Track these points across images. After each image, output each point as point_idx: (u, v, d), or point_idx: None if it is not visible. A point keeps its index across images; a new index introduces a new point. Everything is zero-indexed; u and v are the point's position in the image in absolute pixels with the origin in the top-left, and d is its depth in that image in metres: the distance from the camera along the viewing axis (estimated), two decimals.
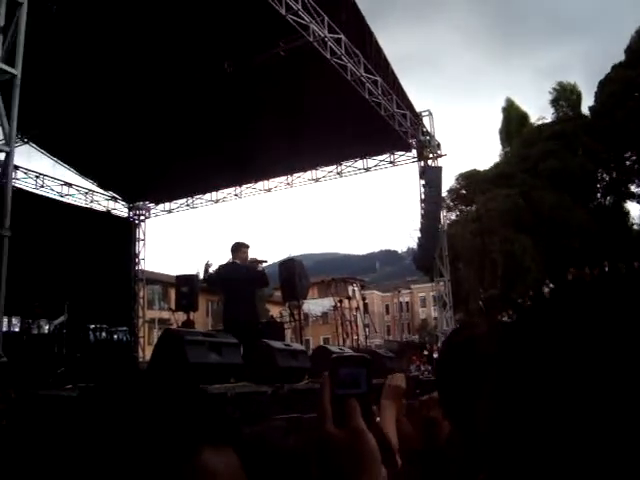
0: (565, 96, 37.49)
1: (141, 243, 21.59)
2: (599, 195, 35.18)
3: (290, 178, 20.27)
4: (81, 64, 13.45)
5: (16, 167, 14.81)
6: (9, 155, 6.61)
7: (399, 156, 18.94)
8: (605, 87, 33.40)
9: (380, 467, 0.77)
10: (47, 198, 18.52)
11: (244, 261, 9.66)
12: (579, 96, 37.68)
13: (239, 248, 9.70)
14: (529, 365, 0.64)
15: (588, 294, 0.65)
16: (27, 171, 18.43)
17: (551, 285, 23.48)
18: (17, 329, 12.97)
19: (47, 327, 13.27)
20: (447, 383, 1.47)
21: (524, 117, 39.14)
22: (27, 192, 17.17)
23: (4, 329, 8.30)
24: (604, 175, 34.75)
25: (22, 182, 17.68)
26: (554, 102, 37.73)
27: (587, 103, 36.49)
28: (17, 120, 6.76)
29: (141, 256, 21.48)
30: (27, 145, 17.13)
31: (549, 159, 32.25)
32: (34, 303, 12.06)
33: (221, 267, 9.82)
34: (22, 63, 6.75)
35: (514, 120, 38.84)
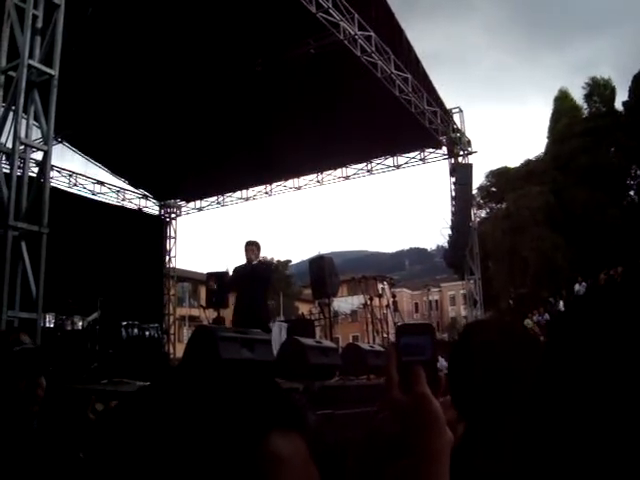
0: (598, 91, 36.71)
1: (172, 241, 21.77)
2: (632, 192, 34.57)
3: (320, 176, 20.27)
4: (114, 64, 13.59)
5: (51, 166, 15.02)
6: (47, 154, 6.73)
7: (429, 153, 18.86)
8: (639, 81, 32.81)
9: (447, 431, 0.78)
10: (80, 196, 18.77)
11: (250, 260, 9.51)
12: (613, 91, 36.75)
13: (245, 247, 9.59)
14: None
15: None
16: (61, 170, 18.72)
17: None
18: (51, 325, 13.14)
19: (80, 323, 13.43)
20: (459, 378, 1.48)
21: (577, 109, 37.94)
22: (61, 190, 17.41)
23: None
24: (638, 172, 34.14)
25: (56, 181, 17.94)
26: (587, 97, 36.96)
27: (620, 98, 35.78)
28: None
29: (172, 254, 21.67)
30: (60, 144, 17.36)
31: (581, 156, 31.79)
32: (68, 300, 12.21)
33: (235, 268, 9.81)
34: (59, 63, 6.86)
35: (565, 111, 37.65)
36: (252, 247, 9.52)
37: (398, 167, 19.39)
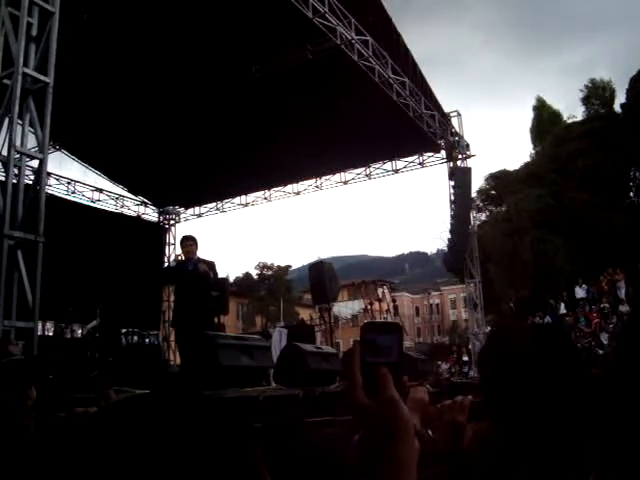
0: (597, 93, 36.72)
1: (171, 247, 21.74)
2: (632, 194, 34.52)
3: (319, 181, 20.28)
4: (111, 71, 13.59)
5: (48, 174, 14.99)
6: (42, 162, 6.69)
7: (428, 157, 18.86)
8: (637, 83, 32.78)
9: (414, 437, 0.74)
10: (79, 204, 18.74)
11: (187, 256, 8.58)
12: (612, 93, 36.79)
13: (181, 242, 8.82)
14: None
15: None
16: (59, 177, 18.69)
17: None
18: (51, 333, 13.13)
19: (80, 331, 13.42)
20: (491, 377, 1.44)
21: (556, 115, 38.31)
22: (59, 198, 17.41)
23: (38, 333, 8.40)
24: (637, 173, 34.10)
25: (54, 189, 17.92)
26: (585, 100, 36.99)
27: (617, 101, 35.77)
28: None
29: (171, 260, 21.61)
30: (58, 152, 17.35)
31: (580, 158, 31.76)
32: (68, 308, 12.21)
33: (174, 262, 8.93)
34: (53, 70, 6.84)
35: (545, 119, 38.06)
36: (189, 242, 8.69)
37: (397, 171, 19.39)
